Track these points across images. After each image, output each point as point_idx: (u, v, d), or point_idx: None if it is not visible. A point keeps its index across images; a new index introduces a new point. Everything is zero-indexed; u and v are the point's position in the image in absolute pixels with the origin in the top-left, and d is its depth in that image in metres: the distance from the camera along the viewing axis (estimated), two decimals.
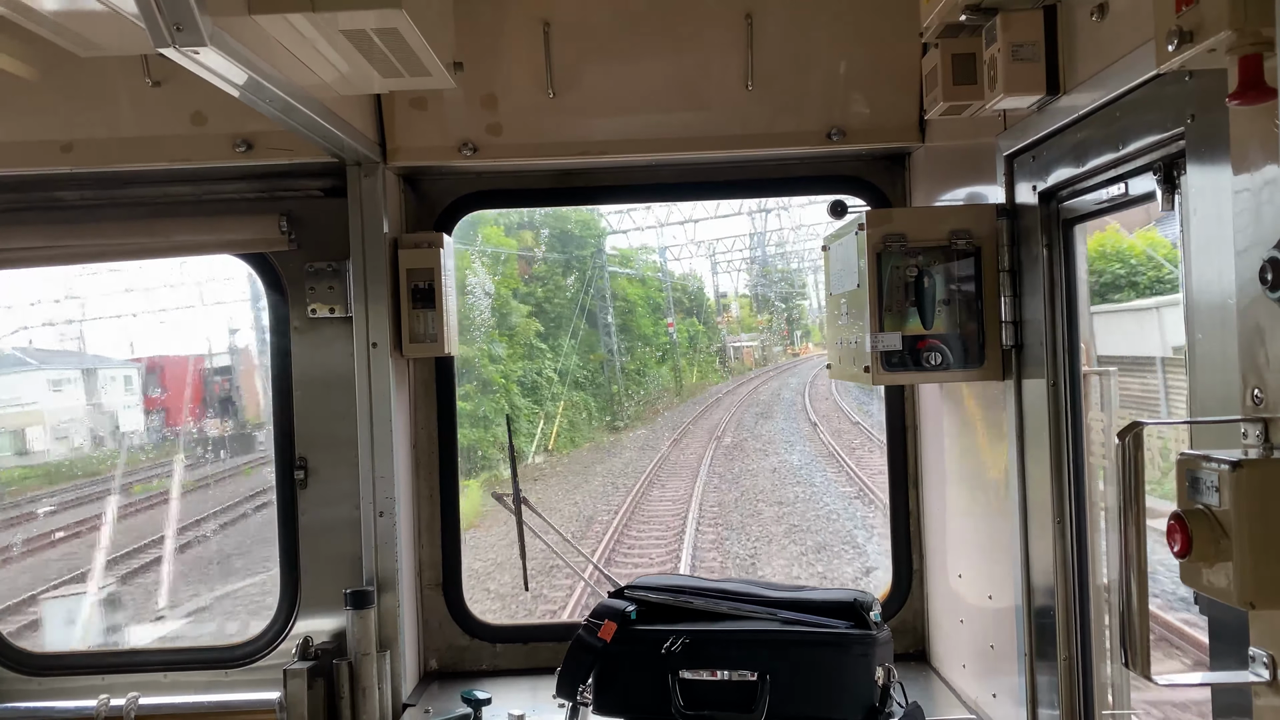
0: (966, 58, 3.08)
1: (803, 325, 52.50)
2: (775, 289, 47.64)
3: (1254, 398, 1.84)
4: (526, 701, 4.06)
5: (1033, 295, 3.23)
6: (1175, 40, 1.84)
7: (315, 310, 4.28)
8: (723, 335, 45.44)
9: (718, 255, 46.04)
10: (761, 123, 4.17)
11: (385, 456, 4.18)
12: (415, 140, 4.21)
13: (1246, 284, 1.84)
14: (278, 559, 4.44)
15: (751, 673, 3.49)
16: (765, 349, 47.94)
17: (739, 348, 47.29)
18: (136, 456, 18.98)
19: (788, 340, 50.76)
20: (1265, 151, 1.81)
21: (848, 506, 17.38)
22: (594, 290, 29.93)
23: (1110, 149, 2.62)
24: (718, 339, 44.91)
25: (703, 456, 22.14)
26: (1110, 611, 3.13)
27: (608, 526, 16.42)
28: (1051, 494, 3.13)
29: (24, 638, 9.38)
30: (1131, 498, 1.94)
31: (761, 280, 46.40)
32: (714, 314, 46.03)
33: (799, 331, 51.48)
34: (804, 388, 35.41)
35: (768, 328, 47.83)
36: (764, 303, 47.57)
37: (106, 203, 4.31)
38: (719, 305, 47.71)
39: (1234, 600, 1.76)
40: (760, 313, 47.56)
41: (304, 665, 4.01)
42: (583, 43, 4.12)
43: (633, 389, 31.29)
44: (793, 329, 49.98)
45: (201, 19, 2.44)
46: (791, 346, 50.42)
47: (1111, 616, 3.11)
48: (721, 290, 48.64)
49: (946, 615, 4.26)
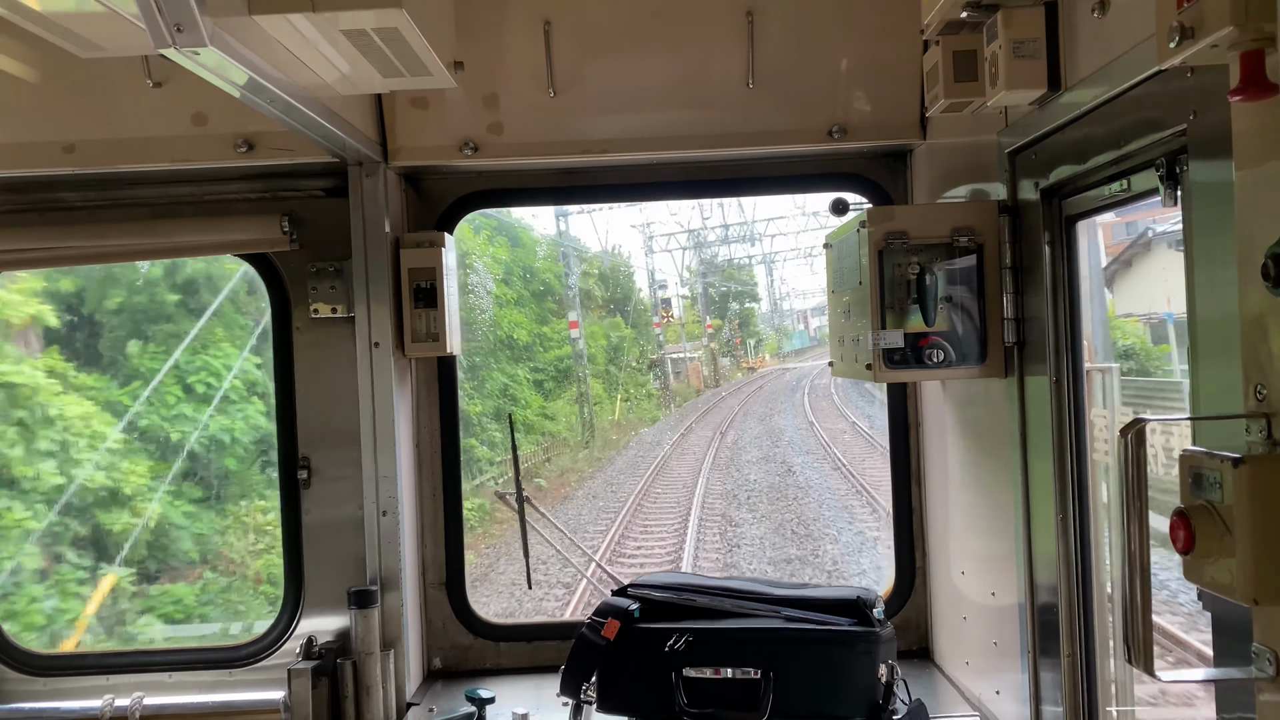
0: (968, 55, 3.08)
1: (754, 331, 41.52)
2: (722, 285, 38.00)
3: (1257, 394, 1.84)
4: (530, 700, 4.07)
5: (1035, 292, 3.23)
6: (1177, 36, 1.83)
7: (317, 310, 4.28)
8: (659, 343, 33.79)
9: (655, 233, 35.28)
10: (762, 120, 4.17)
11: (388, 456, 4.18)
12: (416, 140, 4.21)
13: (1249, 280, 1.84)
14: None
15: (755, 670, 3.49)
16: (714, 362, 36.73)
17: (681, 359, 35.45)
18: None
19: (740, 350, 39.71)
20: (1267, 147, 1.80)
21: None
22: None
23: (1112, 145, 2.62)
24: (653, 348, 33.07)
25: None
26: (1113, 608, 3.13)
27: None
28: (1054, 491, 3.13)
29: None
30: (1134, 494, 1.94)
31: (709, 270, 35.96)
32: (648, 312, 34.18)
33: (752, 340, 40.61)
34: (805, 437, 25.22)
35: (716, 335, 37.05)
36: (714, 304, 37.50)
37: (108, 204, 4.32)
38: (656, 301, 35.88)
39: (1237, 596, 1.77)
40: (709, 315, 36.69)
41: (308, 665, 4.01)
42: (584, 41, 4.12)
43: (480, 452, 16.95)
44: (745, 337, 39.08)
45: (202, 19, 2.44)
46: (746, 358, 39.69)
47: (1114, 613, 3.11)
48: (661, 277, 36.75)
49: (950, 612, 4.26)
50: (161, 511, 12.61)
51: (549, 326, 24.54)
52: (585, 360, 24.97)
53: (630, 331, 29.44)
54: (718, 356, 35.83)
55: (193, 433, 12.76)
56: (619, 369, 27.36)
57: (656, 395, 31.60)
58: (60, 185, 4.27)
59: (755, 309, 42.17)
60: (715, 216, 35.33)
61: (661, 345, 33.91)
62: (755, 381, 36.55)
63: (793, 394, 35.17)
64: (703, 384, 34.78)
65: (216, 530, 13.53)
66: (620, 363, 27.83)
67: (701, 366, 35.26)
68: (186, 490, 13.32)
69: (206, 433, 12.89)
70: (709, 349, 35.98)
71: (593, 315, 27.86)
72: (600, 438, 25.31)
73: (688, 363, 35.16)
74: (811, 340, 57.28)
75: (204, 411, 12.70)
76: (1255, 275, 1.78)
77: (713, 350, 35.75)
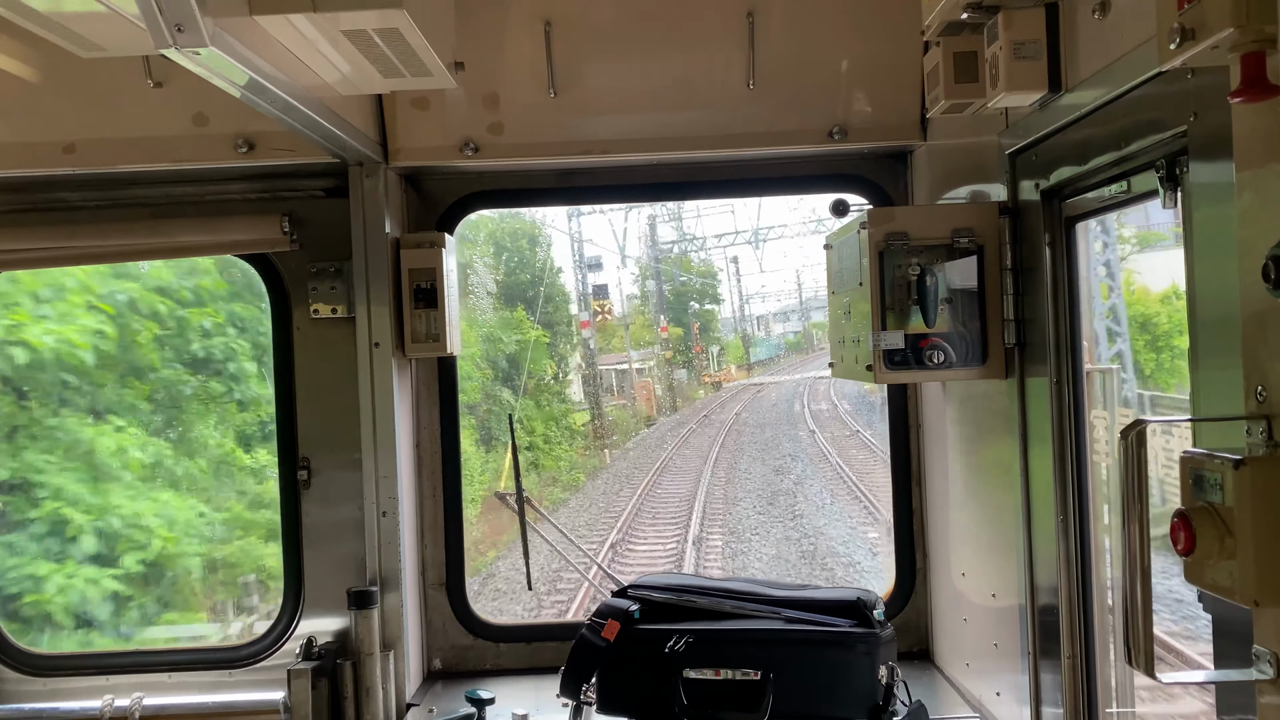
0: (968, 56, 3.07)
1: (714, 337, 31.37)
2: (679, 278, 29.31)
3: (1257, 396, 1.84)
4: (530, 701, 4.06)
5: (1035, 293, 3.23)
6: (1177, 38, 1.83)
7: (317, 311, 4.28)
8: (588, 350, 23.00)
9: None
10: (763, 121, 4.17)
11: (388, 456, 4.18)
12: (417, 140, 4.21)
13: (1249, 282, 1.84)
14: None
15: (755, 672, 3.49)
16: (667, 375, 26.71)
17: (622, 371, 25.00)
18: None
19: (703, 361, 29.12)
20: (1268, 149, 1.80)
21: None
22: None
23: (1112, 147, 2.62)
24: (581, 355, 22.34)
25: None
26: (1114, 610, 3.13)
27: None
28: (1055, 492, 3.13)
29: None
30: (1134, 496, 1.94)
31: (655, 263, 27.57)
32: (565, 304, 23.07)
33: (715, 347, 30.98)
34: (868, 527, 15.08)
35: (672, 343, 27.71)
36: (670, 304, 28.52)
37: (108, 204, 4.32)
38: (583, 295, 24.94)
39: (1238, 598, 1.76)
40: (665, 316, 27.58)
41: (308, 665, 4.01)
42: (584, 42, 4.11)
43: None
44: (707, 344, 29.42)
45: (203, 20, 2.44)
46: (709, 371, 29.15)
47: (1115, 615, 3.11)
48: (594, 253, 25.98)
49: (950, 614, 4.26)
50: None
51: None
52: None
53: (541, 333, 19.13)
54: (674, 369, 26.18)
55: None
56: (521, 393, 17.20)
57: (582, 439, 20.36)
58: (60, 185, 4.27)
59: (716, 311, 34.60)
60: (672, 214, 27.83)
61: (593, 354, 23.90)
62: (725, 403, 25.87)
63: (794, 428, 25.05)
64: (655, 409, 24.83)
65: None
66: (521, 383, 17.66)
67: (654, 384, 25.44)
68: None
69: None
70: (663, 358, 27.08)
71: (475, 307, 17.67)
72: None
73: (633, 379, 25.14)
74: (777, 350, 50.80)
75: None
76: (1256, 276, 1.78)
77: (664, 358, 26.87)
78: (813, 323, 46.79)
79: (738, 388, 27.54)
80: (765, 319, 53.56)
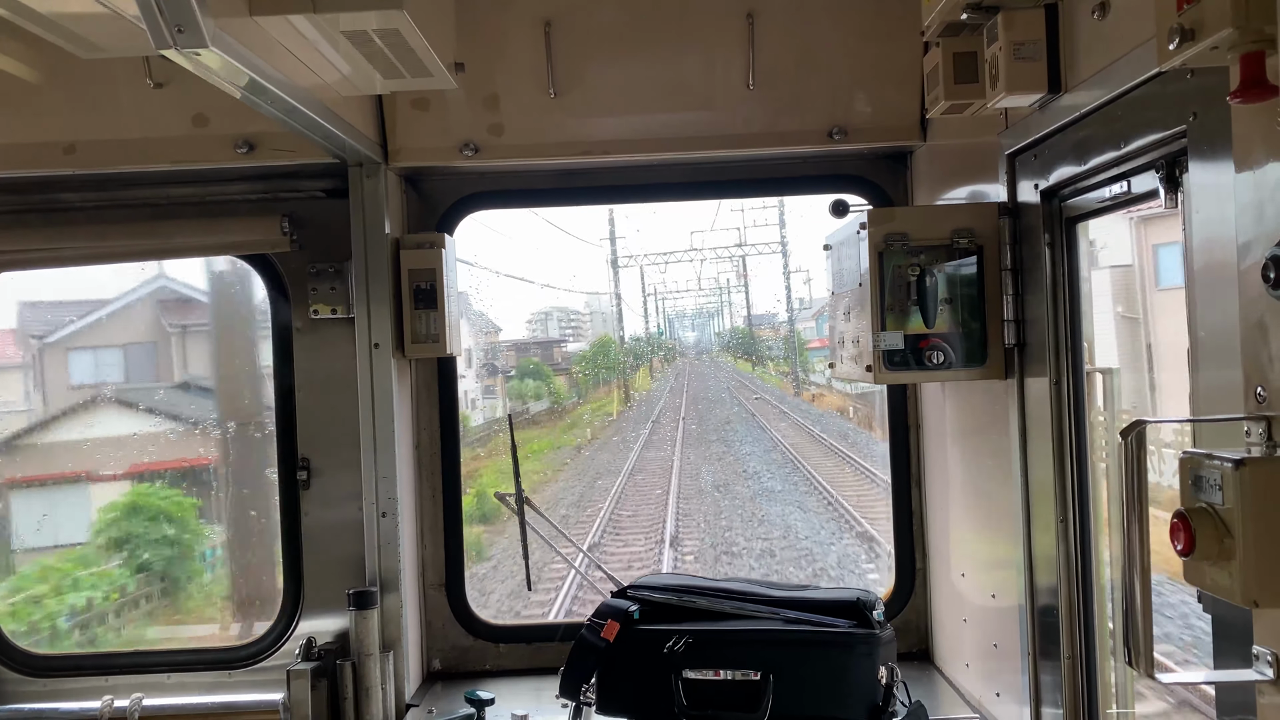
0: (968, 56, 3.07)
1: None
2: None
3: (1257, 396, 1.84)
4: (530, 702, 4.07)
5: (1035, 294, 3.23)
6: (1177, 38, 1.84)
7: (317, 311, 4.27)
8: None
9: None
10: (763, 122, 4.17)
11: (387, 457, 4.18)
12: (417, 141, 4.21)
13: (1249, 282, 1.84)
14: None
15: (755, 672, 3.49)
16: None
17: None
18: None
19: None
20: (1267, 149, 1.80)
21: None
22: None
23: (1112, 147, 2.62)
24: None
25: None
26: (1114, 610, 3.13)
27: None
28: (1054, 493, 3.13)
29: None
30: (1134, 496, 1.94)
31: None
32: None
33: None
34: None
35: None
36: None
37: (108, 205, 4.31)
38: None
39: (1238, 599, 1.76)
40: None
41: (307, 666, 4.01)
42: (584, 42, 4.12)
43: None
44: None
45: (203, 20, 2.44)
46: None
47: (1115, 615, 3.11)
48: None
49: (950, 614, 4.26)
50: None
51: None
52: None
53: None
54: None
55: None
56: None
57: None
58: (60, 186, 4.27)
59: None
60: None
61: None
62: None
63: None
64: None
65: None
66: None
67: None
68: None
69: None
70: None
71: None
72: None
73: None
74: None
75: None
76: (1255, 277, 1.78)
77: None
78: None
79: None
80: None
